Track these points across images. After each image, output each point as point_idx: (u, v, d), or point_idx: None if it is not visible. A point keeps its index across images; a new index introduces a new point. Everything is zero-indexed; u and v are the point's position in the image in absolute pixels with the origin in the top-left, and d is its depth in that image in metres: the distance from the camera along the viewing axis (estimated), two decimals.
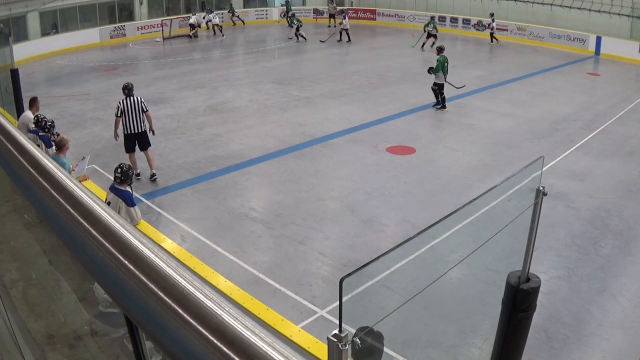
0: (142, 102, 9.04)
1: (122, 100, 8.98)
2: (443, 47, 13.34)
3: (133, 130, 9.03)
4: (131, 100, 8.96)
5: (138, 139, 9.14)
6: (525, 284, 3.13)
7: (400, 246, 2.57)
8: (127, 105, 8.92)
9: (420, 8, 28.39)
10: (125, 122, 8.99)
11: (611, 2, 21.58)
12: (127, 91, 9.02)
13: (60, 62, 20.33)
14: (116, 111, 9.04)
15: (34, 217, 2.08)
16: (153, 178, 9.27)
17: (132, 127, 9.01)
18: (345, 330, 2.00)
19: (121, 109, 8.93)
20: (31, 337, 2.22)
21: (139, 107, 8.99)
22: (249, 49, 23.33)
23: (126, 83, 9.20)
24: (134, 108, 8.96)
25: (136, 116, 8.98)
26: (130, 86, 9.06)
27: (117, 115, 9.02)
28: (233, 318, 0.62)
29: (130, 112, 8.97)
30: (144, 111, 9.03)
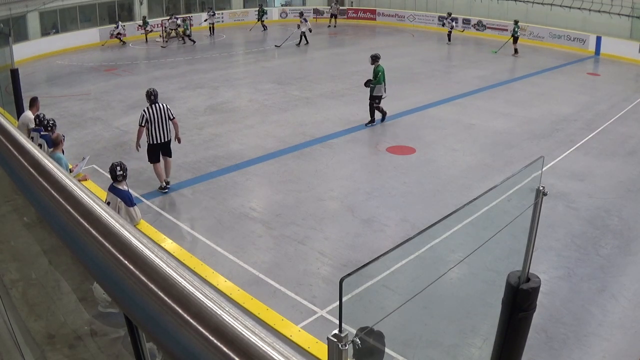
0: (169, 110, 8.55)
1: (147, 108, 8.44)
2: (379, 55, 11.96)
3: (159, 140, 8.51)
4: (156, 107, 8.44)
5: (163, 149, 8.68)
6: (525, 284, 3.14)
7: (400, 246, 2.57)
8: (153, 114, 8.40)
9: (420, 8, 28.40)
10: (151, 131, 8.45)
11: (611, 2, 21.58)
12: (152, 97, 8.49)
13: (60, 62, 20.32)
14: (140, 120, 8.46)
15: (34, 217, 2.09)
16: (165, 187, 8.79)
17: (158, 136, 8.49)
18: (345, 330, 2.00)
19: (146, 118, 8.38)
20: (31, 337, 2.22)
21: (166, 115, 8.49)
22: (249, 49, 23.33)
23: (150, 89, 8.63)
24: (161, 116, 8.44)
25: (163, 124, 8.48)
26: (155, 92, 8.54)
27: (142, 124, 8.44)
28: (233, 318, 0.62)
29: (156, 121, 8.44)
30: (170, 119, 8.55)
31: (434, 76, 17.43)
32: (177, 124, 8.77)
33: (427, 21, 27.84)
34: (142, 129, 8.46)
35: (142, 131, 8.47)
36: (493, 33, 25.18)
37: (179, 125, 8.86)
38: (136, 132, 8.69)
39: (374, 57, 11.88)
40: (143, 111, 8.47)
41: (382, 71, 11.67)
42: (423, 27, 27.62)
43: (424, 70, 18.21)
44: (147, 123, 8.40)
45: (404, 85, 16.07)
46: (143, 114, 8.43)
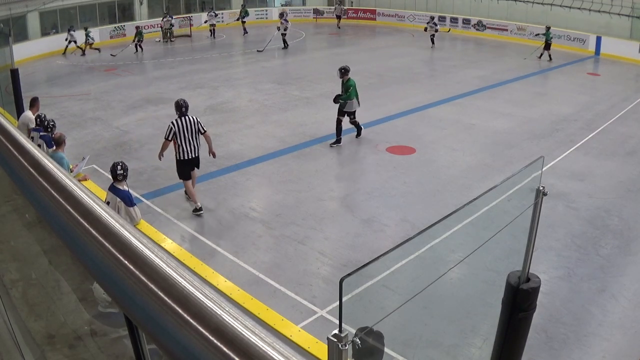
0: (199, 123, 7.90)
1: (176, 120, 7.77)
2: (348, 68, 10.95)
3: (189, 155, 7.88)
4: (186, 120, 7.76)
5: (193, 163, 8.07)
6: (525, 284, 3.14)
7: (400, 246, 2.57)
8: (182, 127, 7.74)
9: (420, 8, 28.40)
10: (180, 146, 7.81)
11: (611, 2, 21.58)
12: (183, 109, 7.81)
13: (60, 62, 20.33)
14: (167, 133, 7.77)
15: (34, 217, 2.09)
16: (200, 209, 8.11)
17: (188, 151, 7.85)
18: (345, 330, 2.00)
19: (174, 131, 7.72)
20: (31, 337, 2.22)
21: (196, 129, 7.85)
22: (248, 49, 23.33)
23: (181, 100, 7.94)
24: (191, 129, 7.80)
25: (193, 139, 7.85)
26: (186, 104, 7.86)
27: (168, 138, 7.78)
28: (233, 318, 0.62)
29: (185, 135, 7.78)
30: (202, 133, 7.92)
31: (434, 76, 17.43)
32: (210, 138, 8.16)
33: (427, 21, 27.81)
34: (168, 142, 7.83)
35: (167, 145, 7.85)
36: (493, 33, 25.18)
37: (211, 139, 8.22)
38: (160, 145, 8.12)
39: (343, 70, 10.78)
40: (171, 123, 7.79)
41: (353, 85, 10.68)
42: (423, 27, 27.58)
43: (424, 70, 18.22)
44: (175, 137, 7.75)
45: (404, 85, 16.07)
46: (171, 126, 7.75)
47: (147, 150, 10.81)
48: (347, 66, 10.91)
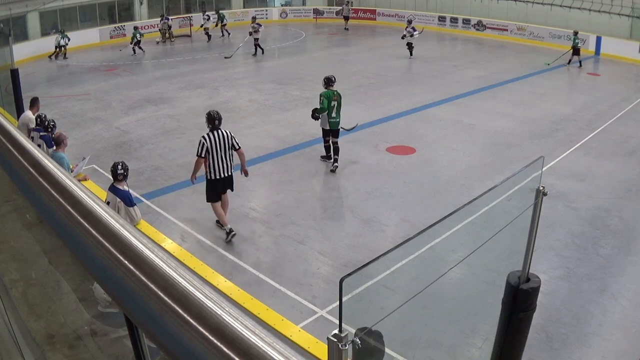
0: (234, 138, 7.20)
1: (208, 135, 7.07)
2: (332, 78, 9.44)
3: (220, 174, 7.16)
4: (219, 135, 7.07)
5: (225, 183, 7.33)
6: (525, 284, 3.13)
7: (400, 246, 2.57)
8: (214, 142, 7.02)
9: (420, 8, 28.40)
10: (211, 163, 7.08)
11: (611, 2, 21.58)
12: (216, 122, 7.09)
13: (60, 62, 20.32)
14: (199, 150, 7.04)
15: (34, 217, 2.09)
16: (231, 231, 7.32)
17: (221, 169, 7.13)
18: (345, 330, 2.00)
19: (207, 147, 7.01)
20: (31, 337, 2.22)
21: (229, 144, 7.14)
22: (248, 49, 23.33)
23: (213, 112, 7.18)
24: (224, 145, 7.08)
25: (226, 156, 7.13)
26: (219, 117, 7.14)
27: (201, 155, 7.03)
28: (233, 318, 0.62)
29: (218, 151, 7.05)
30: (235, 149, 7.21)
31: (433, 76, 17.42)
32: (244, 155, 7.44)
33: (427, 21, 27.81)
34: (202, 160, 7.08)
35: (201, 164, 7.12)
36: (493, 33, 25.18)
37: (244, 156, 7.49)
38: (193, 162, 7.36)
39: (326, 79, 9.44)
40: (202, 138, 7.09)
41: (325, 96, 9.21)
42: (423, 27, 27.58)
43: (424, 70, 18.21)
44: (207, 154, 7.04)
45: (404, 85, 16.07)
46: (203, 142, 7.03)
47: (147, 150, 10.81)
48: (330, 76, 9.48)
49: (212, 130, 7.10)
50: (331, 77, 9.43)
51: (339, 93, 9.43)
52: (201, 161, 7.09)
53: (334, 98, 9.28)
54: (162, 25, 23.90)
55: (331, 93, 9.29)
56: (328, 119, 9.32)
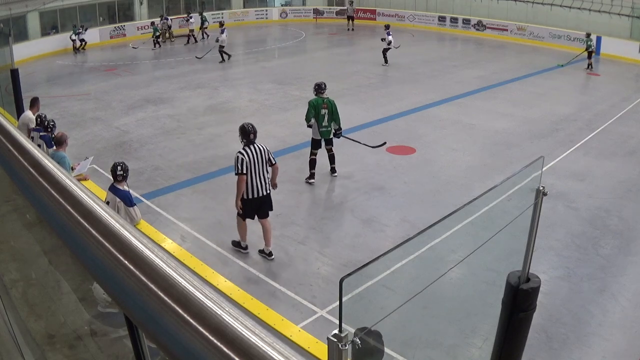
0: (270, 152, 6.66)
1: (245, 150, 6.50)
2: (322, 85, 8.96)
3: (257, 193, 6.55)
4: (255, 149, 6.52)
5: (261, 204, 6.70)
6: (525, 284, 3.13)
7: (400, 246, 2.57)
8: (252, 157, 6.47)
9: (420, 8, 28.40)
10: (249, 181, 6.49)
11: (611, 2, 21.58)
12: (252, 136, 6.58)
13: (60, 62, 20.33)
14: (239, 167, 6.41)
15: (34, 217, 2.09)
16: (269, 257, 6.87)
17: (257, 187, 6.53)
18: (345, 330, 2.00)
19: (246, 162, 6.41)
20: (31, 337, 2.22)
21: (266, 159, 6.58)
22: (248, 49, 23.32)
23: (247, 125, 6.68)
24: (260, 161, 6.53)
25: (263, 172, 6.55)
26: (253, 129, 6.63)
27: (241, 171, 6.41)
28: (233, 318, 0.62)
29: (255, 168, 6.48)
30: (271, 164, 6.67)
31: (434, 76, 17.42)
32: (278, 170, 6.88)
33: (427, 21, 27.84)
34: (244, 177, 6.45)
35: (244, 182, 6.47)
36: (493, 33, 25.19)
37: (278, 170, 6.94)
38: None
39: (316, 86, 8.99)
40: (240, 154, 6.47)
41: (313, 105, 8.77)
42: (423, 27, 27.61)
43: (424, 70, 18.21)
44: (248, 170, 6.48)
45: (404, 85, 16.07)
46: (242, 157, 6.42)
47: (147, 150, 10.81)
48: (321, 83, 9.00)
49: (247, 144, 6.54)
50: (321, 84, 8.95)
51: (331, 100, 8.88)
52: (244, 179, 6.42)
53: (324, 106, 8.76)
54: (162, 25, 23.91)
55: (320, 101, 8.79)
56: (319, 128, 8.85)
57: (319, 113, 8.76)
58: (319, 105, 8.76)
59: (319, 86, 8.92)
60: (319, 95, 8.86)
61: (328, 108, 8.81)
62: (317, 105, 8.75)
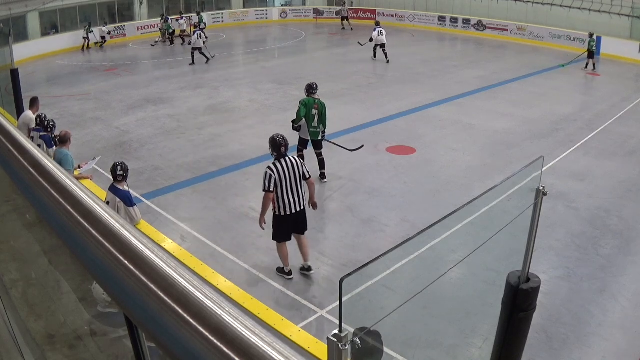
0: (304, 166, 6.28)
1: (274, 165, 6.09)
2: (313, 86, 8.94)
3: (291, 209, 6.14)
4: (286, 163, 6.11)
5: (295, 222, 6.28)
6: (525, 284, 3.13)
7: (400, 246, 2.57)
8: (283, 172, 6.06)
9: (420, 8, 28.41)
10: (279, 197, 6.09)
11: (611, 2, 21.57)
12: (283, 149, 6.15)
13: (60, 62, 20.33)
14: (267, 183, 6.02)
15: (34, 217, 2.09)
16: (308, 272, 6.51)
17: (291, 203, 6.12)
18: (345, 330, 2.00)
19: (275, 179, 6.02)
20: (31, 337, 2.22)
21: (300, 173, 6.17)
22: (248, 49, 23.33)
23: (278, 137, 6.23)
24: (294, 175, 6.10)
25: (297, 187, 6.15)
26: (286, 142, 6.22)
27: (269, 189, 6.02)
28: (233, 318, 0.62)
29: (287, 183, 6.07)
30: (305, 178, 6.25)
31: (434, 76, 17.43)
32: (314, 185, 6.50)
33: (427, 21, 27.84)
34: (271, 195, 6.07)
35: (271, 199, 6.12)
36: (493, 33, 25.19)
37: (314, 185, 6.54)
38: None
39: (307, 87, 8.97)
40: (269, 169, 6.08)
41: (304, 104, 8.72)
42: (423, 27, 27.62)
43: (424, 70, 18.21)
44: (275, 187, 6.07)
45: (404, 85, 16.07)
46: (270, 174, 6.04)
47: (147, 150, 10.82)
48: (312, 83, 9.00)
49: (278, 158, 6.14)
50: (313, 85, 8.93)
51: (322, 102, 8.86)
52: (270, 196, 6.07)
53: (315, 106, 8.71)
54: (163, 25, 23.92)
55: (312, 101, 8.74)
56: (308, 128, 8.79)
57: (310, 113, 8.72)
58: (310, 105, 8.72)
59: (310, 87, 8.90)
60: (310, 96, 8.82)
61: (319, 109, 8.76)
62: (308, 104, 8.71)
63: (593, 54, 18.47)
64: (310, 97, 8.80)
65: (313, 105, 8.74)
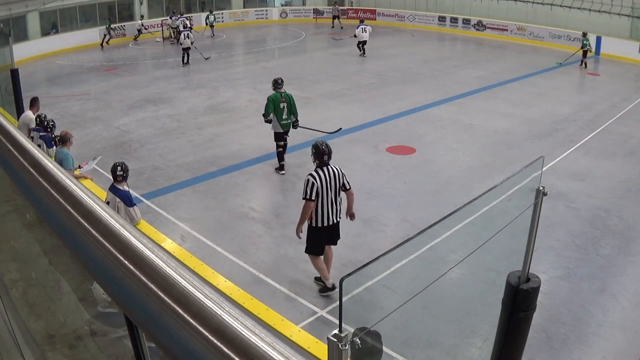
0: (344, 176, 5.99)
1: (317, 172, 5.82)
2: (279, 81, 9.27)
3: (328, 221, 5.86)
4: (329, 172, 5.84)
5: (332, 233, 6.02)
6: (525, 284, 3.14)
7: (400, 246, 2.57)
8: (324, 181, 5.78)
9: (420, 8, 28.41)
10: (320, 207, 5.79)
11: (611, 2, 21.58)
12: (326, 158, 5.88)
13: (60, 62, 20.33)
14: (308, 192, 5.72)
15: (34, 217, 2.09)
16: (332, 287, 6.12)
17: (329, 215, 5.84)
18: (345, 330, 2.00)
19: (317, 187, 5.72)
20: (31, 337, 2.22)
21: (340, 184, 5.91)
22: (248, 49, 23.33)
23: (321, 145, 5.94)
24: (335, 185, 5.84)
25: (336, 198, 5.88)
26: (329, 150, 5.92)
27: (310, 197, 5.71)
28: (233, 318, 0.62)
29: (328, 193, 5.78)
30: (345, 189, 5.99)
31: (434, 76, 17.43)
32: (354, 195, 6.16)
33: (427, 21, 27.84)
34: (312, 204, 5.75)
35: (312, 208, 5.78)
36: (493, 33, 25.20)
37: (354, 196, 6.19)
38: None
39: (273, 83, 9.30)
40: (311, 177, 5.78)
41: (271, 100, 9.08)
42: (423, 27, 27.62)
43: (424, 70, 18.21)
44: (318, 196, 5.76)
45: (404, 85, 16.06)
46: (312, 181, 5.74)
47: (147, 150, 10.82)
48: (278, 79, 9.29)
49: (321, 166, 5.86)
50: (278, 80, 9.25)
51: (289, 94, 9.27)
52: (312, 205, 5.74)
53: (282, 100, 9.11)
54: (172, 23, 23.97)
55: (279, 95, 9.12)
56: (279, 122, 9.18)
57: (278, 107, 9.12)
58: (277, 100, 9.11)
59: (276, 82, 9.26)
60: (277, 91, 9.18)
61: (287, 102, 9.18)
62: (275, 99, 9.11)
63: (586, 53, 18.62)
64: (277, 92, 9.18)
65: (280, 99, 9.14)
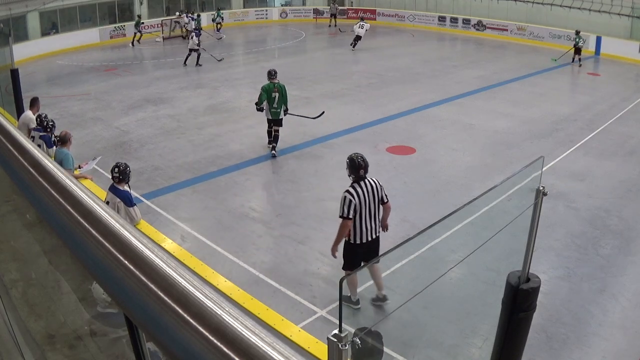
0: (383, 189, 5.63)
1: (354, 188, 5.45)
2: (272, 72, 10.08)
3: (366, 237, 5.44)
4: (366, 186, 5.48)
5: (370, 250, 5.40)
6: (525, 284, 3.13)
7: (400, 246, 2.57)
8: (363, 197, 5.41)
9: (420, 8, 28.41)
10: (358, 224, 5.42)
11: (611, 2, 21.58)
12: (362, 172, 5.52)
13: (60, 62, 20.32)
14: (345, 210, 5.36)
15: (34, 217, 2.09)
16: (383, 302, 5.21)
17: (368, 231, 5.45)
18: (345, 330, 2.00)
19: (355, 204, 5.35)
20: (31, 337, 2.22)
21: (379, 197, 5.55)
22: (248, 49, 23.33)
23: (357, 158, 5.60)
24: (373, 199, 5.47)
25: (375, 213, 5.51)
26: (365, 162, 5.57)
27: (348, 216, 5.34)
28: (233, 318, 0.62)
29: (366, 208, 5.42)
30: (383, 203, 5.62)
31: (434, 76, 17.43)
32: (390, 209, 5.77)
33: (427, 21, 27.84)
34: (350, 223, 5.38)
35: (349, 227, 5.42)
36: (493, 33, 25.20)
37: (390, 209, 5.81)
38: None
39: (267, 73, 10.13)
40: (348, 194, 5.41)
41: (265, 89, 9.84)
42: (423, 27, 27.62)
43: (424, 70, 18.21)
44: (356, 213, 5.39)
45: (404, 85, 16.06)
46: (350, 199, 5.36)
47: (147, 150, 10.82)
48: (271, 70, 10.14)
49: (357, 181, 5.51)
50: (272, 71, 10.11)
51: (281, 85, 10.02)
52: (349, 224, 5.37)
53: (275, 90, 9.92)
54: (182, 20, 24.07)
55: (272, 85, 9.91)
56: (270, 109, 10.03)
57: (270, 96, 9.95)
58: (270, 90, 9.92)
59: (269, 73, 10.11)
60: (271, 81, 9.98)
61: (279, 92, 9.99)
62: (269, 89, 9.91)
63: (580, 50, 18.86)
64: (270, 83, 9.97)
65: (273, 89, 9.94)
